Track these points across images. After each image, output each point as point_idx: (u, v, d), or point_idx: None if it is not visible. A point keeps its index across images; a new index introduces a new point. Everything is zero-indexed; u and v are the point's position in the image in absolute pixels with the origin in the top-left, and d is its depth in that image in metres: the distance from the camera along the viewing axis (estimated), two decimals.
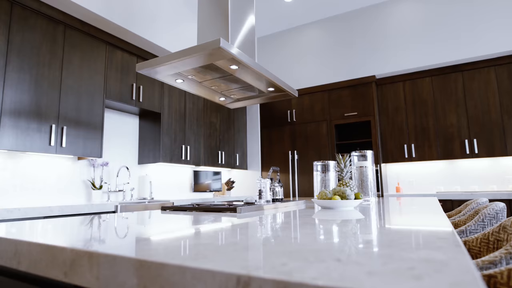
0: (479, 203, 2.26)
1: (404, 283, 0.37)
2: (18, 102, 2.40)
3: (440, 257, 0.50)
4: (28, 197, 2.68)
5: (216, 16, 2.01)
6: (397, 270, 0.43)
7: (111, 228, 0.99)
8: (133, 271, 0.54)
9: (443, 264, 0.46)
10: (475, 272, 0.42)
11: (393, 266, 0.45)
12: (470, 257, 0.85)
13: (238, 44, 2.05)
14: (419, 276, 0.40)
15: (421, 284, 0.37)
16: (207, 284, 0.46)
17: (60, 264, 0.66)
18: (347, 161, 2.01)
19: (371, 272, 0.42)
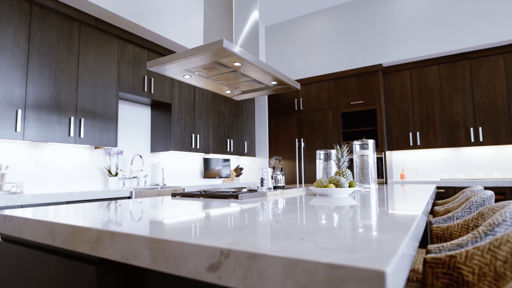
0: (472, 191, 2.36)
1: (338, 256, 0.51)
2: (40, 97, 2.59)
3: (382, 238, 0.64)
4: (51, 184, 2.91)
5: (221, 14, 2.12)
6: (341, 247, 0.57)
7: (127, 212, 1.16)
8: (145, 246, 0.70)
9: (379, 243, 0.60)
10: (398, 250, 0.56)
11: (340, 244, 0.60)
12: (436, 239, 0.93)
13: (242, 41, 2.16)
14: (353, 251, 0.54)
15: (349, 256, 0.51)
16: (199, 255, 0.61)
17: (88, 241, 0.83)
18: (344, 151, 2.13)
19: (320, 247, 0.57)
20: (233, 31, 2.04)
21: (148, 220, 0.96)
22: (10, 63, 2.42)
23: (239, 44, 2.12)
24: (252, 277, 0.54)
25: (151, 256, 0.69)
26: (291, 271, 0.50)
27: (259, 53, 2.30)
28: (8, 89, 2.40)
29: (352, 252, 0.53)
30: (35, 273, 1.03)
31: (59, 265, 0.94)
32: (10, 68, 2.42)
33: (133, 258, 0.73)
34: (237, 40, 2.11)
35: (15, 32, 2.47)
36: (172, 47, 3.81)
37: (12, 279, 1.12)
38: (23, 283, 1.07)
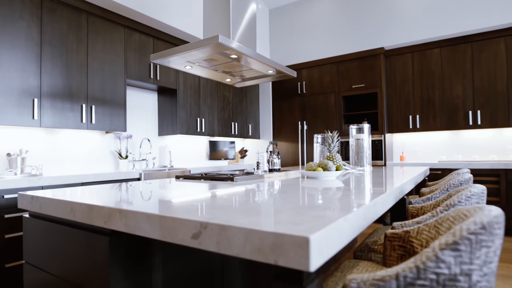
0: (458, 173, 2.50)
1: (285, 227, 0.69)
2: (53, 86, 2.78)
3: (327, 215, 0.81)
4: (66, 167, 3.15)
5: (218, 8, 2.24)
6: (291, 221, 0.75)
7: (132, 192, 1.36)
8: (146, 220, 0.89)
9: (320, 219, 0.77)
10: (330, 224, 0.73)
11: (292, 219, 0.77)
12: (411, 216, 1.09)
13: (239, 33, 2.29)
14: (299, 224, 0.72)
15: (293, 228, 0.68)
16: (186, 227, 0.80)
17: (101, 216, 1.03)
18: (334, 137, 2.28)
19: (276, 222, 0.74)
20: (230, 25, 2.16)
21: (149, 199, 1.15)
22: (25, 55, 2.61)
23: (237, 37, 2.25)
24: (223, 242, 0.73)
25: (150, 228, 0.88)
26: (248, 238, 0.68)
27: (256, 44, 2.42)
28: (24, 79, 2.59)
29: (297, 224, 0.71)
30: (59, 243, 1.24)
31: (78, 236, 1.15)
32: (25, 60, 2.61)
33: (137, 230, 0.92)
34: (234, 33, 2.23)
35: (28, 26, 2.63)
36: (176, 34, 3.93)
37: (40, 249, 1.34)
38: (49, 251, 1.29)
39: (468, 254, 0.72)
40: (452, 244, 0.71)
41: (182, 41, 4.10)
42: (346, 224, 0.79)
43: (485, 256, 0.74)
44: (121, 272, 1.08)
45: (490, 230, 0.74)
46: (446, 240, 0.72)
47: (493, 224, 0.75)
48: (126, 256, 1.09)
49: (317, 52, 5.09)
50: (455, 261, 0.71)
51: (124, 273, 1.09)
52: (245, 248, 0.69)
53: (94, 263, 1.09)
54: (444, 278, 0.71)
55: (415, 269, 0.71)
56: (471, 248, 0.72)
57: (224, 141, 5.11)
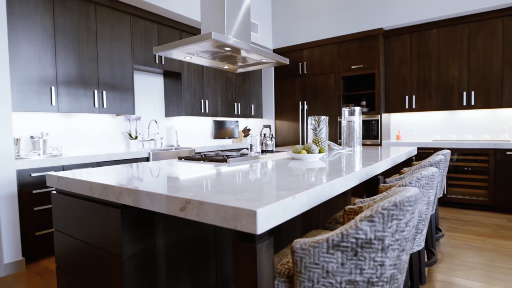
0: (437, 154, 2.71)
1: (244, 203, 0.95)
2: (68, 74, 3.04)
3: (281, 194, 1.07)
4: (82, 147, 3.48)
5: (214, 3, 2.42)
6: (252, 199, 1.01)
7: (138, 173, 1.64)
8: (147, 196, 1.17)
9: (274, 197, 1.03)
10: (279, 201, 0.98)
11: (254, 197, 1.03)
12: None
13: (235, 27, 2.47)
14: (255, 200, 0.98)
15: (249, 203, 0.94)
16: (175, 202, 1.07)
17: (114, 193, 1.31)
18: (321, 121, 2.50)
19: (239, 199, 1.01)
20: (225, 20, 2.35)
21: (151, 179, 1.43)
22: (41, 46, 2.86)
23: (232, 31, 2.44)
24: (201, 214, 1.00)
25: (150, 203, 1.16)
26: (217, 211, 0.95)
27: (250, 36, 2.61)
28: (42, 69, 2.86)
29: (252, 201, 0.97)
30: (81, 214, 1.55)
31: (96, 209, 1.45)
32: (42, 51, 2.86)
33: (141, 204, 1.20)
34: (229, 27, 2.42)
35: (42, 19, 2.86)
36: (179, 19, 4.09)
37: (66, 219, 1.65)
38: (74, 221, 1.60)
39: (381, 225, 0.97)
40: (369, 217, 0.97)
41: (185, 25, 4.26)
42: (295, 201, 1.05)
43: (396, 226, 0.99)
44: (131, 237, 1.38)
45: (400, 207, 0.99)
46: (365, 214, 0.98)
47: (404, 202, 1.00)
48: (134, 225, 1.38)
49: (318, 33, 5.18)
50: (370, 229, 0.97)
51: (133, 238, 1.39)
52: (215, 218, 0.96)
53: (110, 230, 1.39)
54: (362, 242, 0.97)
55: (340, 234, 0.98)
56: (384, 220, 0.97)
57: (228, 121, 5.36)
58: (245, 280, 0.96)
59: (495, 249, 2.83)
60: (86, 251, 1.54)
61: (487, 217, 3.79)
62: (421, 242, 1.61)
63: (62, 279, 1.74)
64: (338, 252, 0.98)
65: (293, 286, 1.06)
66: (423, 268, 2.25)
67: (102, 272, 1.45)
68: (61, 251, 1.72)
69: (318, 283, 1.00)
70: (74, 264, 1.64)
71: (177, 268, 1.56)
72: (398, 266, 1.03)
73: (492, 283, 2.22)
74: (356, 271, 0.98)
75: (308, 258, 1.00)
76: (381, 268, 0.99)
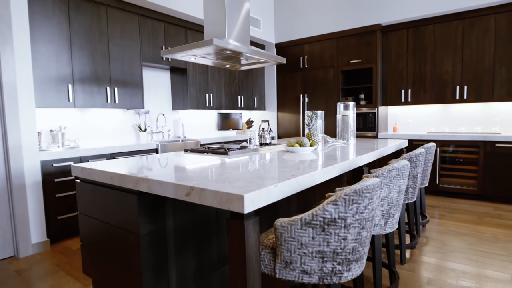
0: (423, 147, 2.93)
1: (235, 189, 1.21)
2: (83, 72, 3.31)
3: (268, 183, 1.33)
4: (97, 140, 3.77)
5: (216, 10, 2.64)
6: (242, 186, 1.27)
7: (151, 164, 1.91)
8: (158, 185, 1.44)
9: (258, 185, 1.29)
10: (262, 188, 1.24)
11: (243, 185, 1.29)
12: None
13: (236, 31, 2.70)
14: (244, 187, 1.24)
15: (239, 190, 1.20)
16: (182, 189, 1.33)
17: (131, 182, 1.58)
18: (313, 117, 2.74)
19: (232, 186, 1.27)
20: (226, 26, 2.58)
21: (161, 170, 1.70)
22: (58, 48, 3.12)
23: (233, 35, 2.66)
24: (202, 198, 1.26)
25: (162, 189, 1.43)
26: (215, 196, 1.22)
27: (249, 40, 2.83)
28: (59, 68, 3.13)
29: (242, 188, 1.23)
30: (103, 199, 1.83)
31: (116, 195, 1.73)
32: (59, 51, 3.13)
33: (154, 190, 1.47)
34: (230, 32, 2.65)
35: (58, 21, 3.12)
36: (185, 17, 4.31)
37: (89, 203, 1.94)
38: (96, 205, 1.88)
39: (344, 207, 1.23)
40: (333, 201, 1.22)
41: (190, 23, 4.48)
42: (276, 189, 1.31)
43: (356, 209, 1.24)
44: (146, 219, 1.66)
45: (360, 193, 1.24)
46: (331, 199, 1.23)
47: (363, 190, 1.25)
48: (148, 208, 1.66)
49: (318, 28, 5.35)
50: (334, 210, 1.22)
51: (147, 219, 1.67)
52: (213, 201, 1.23)
53: (128, 212, 1.67)
54: (327, 220, 1.23)
55: (311, 214, 1.23)
56: (346, 204, 1.23)
57: (232, 113, 5.61)
58: (236, 250, 1.23)
59: (476, 234, 3.07)
60: (107, 230, 1.83)
61: (475, 206, 4.01)
62: (394, 225, 1.86)
63: (86, 254, 2.04)
64: (309, 228, 1.24)
65: (276, 256, 1.33)
66: (403, 249, 2.51)
67: (122, 247, 1.74)
68: (85, 230, 2.02)
69: (294, 253, 1.27)
70: (97, 241, 1.93)
71: (184, 245, 1.85)
72: (359, 240, 1.29)
73: (466, 263, 2.47)
74: (324, 243, 1.24)
75: (287, 233, 1.27)
76: (344, 241, 1.25)
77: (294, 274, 1.29)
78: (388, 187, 1.77)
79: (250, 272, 1.23)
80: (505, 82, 4.12)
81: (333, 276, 1.28)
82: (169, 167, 1.83)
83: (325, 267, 1.27)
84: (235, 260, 1.23)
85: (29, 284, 2.29)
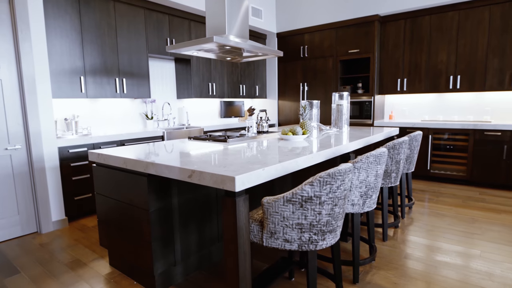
0: (409, 135, 3.14)
1: (228, 172, 1.46)
2: (94, 65, 3.55)
3: (256, 167, 1.58)
4: (107, 127, 4.04)
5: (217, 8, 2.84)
6: (234, 170, 1.52)
7: (158, 151, 2.17)
8: (165, 168, 1.70)
9: (250, 169, 1.54)
10: (251, 172, 1.50)
11: (235, 169, 1.55)
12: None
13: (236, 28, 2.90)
14: (236, 171, 1.49)
15: (232, 173, 1.46)
16: (184, 171, 1.59)
17: (142, 166, 1.85)
18: (306, 108, 2.96)
19: (226, 170, 1.52)
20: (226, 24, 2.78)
21: (167, 155, 1.96)
22: (71, 43, 3.35)
23: (233, 31, 2.87)
24: (201, 179, 1.52)
25: (168, 172, 1.69)
26: (212, 177, 1.48)
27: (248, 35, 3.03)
28: (72, 62, 3.37)
29: (234, 171, 1.48)
30: (116, 181, 2.10)
31: (129, 177, 2.00)
32: (72, 46, 3.36)
33: (161, 173, 1.73)
34: (230, 28, 2.85)
35: (71, 18, 3.34)
36: (188, 9, 4.49)
37: (105, 185, 2.21)
38: (111, 186, 2.16)
39: (319, 187, 1.48)
40: (310, 182, 1.47)
41: (193, 15, 4.66)
42: (264, 172, 1.56)
43: (329, 188, 1.50)
44: (154, 197, 1.93)
45: (332, 176, 1.49)
46: (308, 180, 1.48)
47: (335, 173, 1.49)
48: (157, 188, 1.93)
49: (318, 18, 5.49)
50: (310, 190, 1.47)
51: (156, 197, 1.94)
52: (210, 181, 1.49)
53: (139, 192, 1.94)
54: (305, 198, 1.48)
55: (291, 193, 1.49)
56: (320, 184, 1.48)
57: (234, 101, 5.84)
58: (230, 221, 1.50)
59: (456, 216, 3.32)
60: (121, 208, 2.12)
61: (462, 190, 4.25)
62: (372, 205, 2.11)
63: (103, 229, 2.34)
64: (290, 204, 1.50)
65: (263, 227, 1.59)
66: (385, 228, 2.77)
67: (134, 222, 2.03)
68: (102, 208, 2.31)
69: (278, 225, 1.53)
70: (112, 217, 2.22)
71: (188, 220, 2.13)
72: (332, 215, 1.54)
73: (439, 240, 2.73)
74: (302, 217, 1.50)
75: (272, 209, 1.53)
76: (319, 215, 1.51)
77: (278, 242, 1.56)
78: (366, 172, 2.02)
79: (241, 239, 1.50)
80: (496, 72, 4.28)
81: (310, 244, 1.55)
82: (174, 153, 2.09)
83: (303, 237, 1.53)
84: (229, 229, 1.50)
85: (53, 254, 2.61)
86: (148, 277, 2.06)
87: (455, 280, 2.14)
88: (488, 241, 2.71)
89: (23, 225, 2.99)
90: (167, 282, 2.09)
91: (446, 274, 2.21)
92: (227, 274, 1.55)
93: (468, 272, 2.23)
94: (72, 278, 2.25)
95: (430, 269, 2.28)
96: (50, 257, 2.56)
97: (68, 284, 2.16)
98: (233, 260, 1.51)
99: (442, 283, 2.10)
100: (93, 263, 2.45)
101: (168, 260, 2.06)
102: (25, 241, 2.89)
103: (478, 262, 2.36)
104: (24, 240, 2.92)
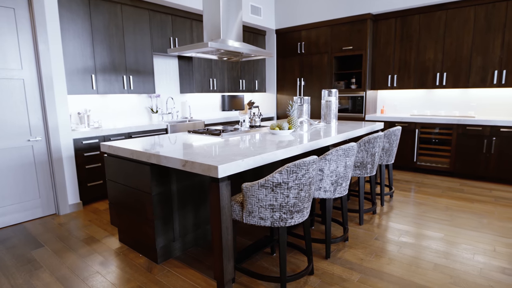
0: (389, 130, 3.44)
1: (214, 162, 1.81)
2: (103, 63, 3.91)
3: (237, 158, 1.93)
4: (116, 121, 4.42)
5: (214, 15, 3.16)
6: (218, 160, 1.87)
7: (160, 143, 2.53)
8: (164, 158, 2.06)
9: (232, 159, 1.89)
10: (232, 162, 1.85)
11: (220, 159, 1.90)
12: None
13: (231, 32, 3.22)
14: (221, 161, 1.84)
15: (216, 163, 1.81)
16: (179, 161, 1.95)
17: (146, 157, 2.21)
18: (294, 104, 3.28)
19: (214, 160, 1.87)
20: (221, 30, 3.10)
21: (167, 147, 2.32)
22: (82, 43, 3.70)
23: (229, 35, 3.18)
24: (192, 168, 1.88)
25: (166, 162, 2.05)
26: (201, 166, 1.83)
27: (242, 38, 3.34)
28: (84, 61, 3.73)
29: (219, 162, 1.83)
30: (125, 169, 2.47)
31: (135, 166, 2.37)
32: (84, 46, 3.71)
33: (161, 162, 2.09)
34: (225, 33, 3.16)
35: (82, 21, 3.68)
36: (190, 10, 4.79)
37: (115, 172, 2.59)
38: (120, 173, 2.53)
39: (286, 175, 1.82)
40: (279, 171, 1.82)
41: (195, 14, 4.96)
42: (243, 162, 1.91)
43: (295, 176, 1.84)
44: (156, 183, 2.30)
45: (298, 166, 1.83)
46: (278, 170, 1.83)
47: (300, 164, 1.83)
48: (158, 175, 2.30)
49: (314, 15, 5.74)
50: (280, 177, 1.82)
51: (157, 183, 2.31)
52: (199, 169, 1.84)
53: (143, 178, 2.31)
54: (275, 183, 1.83)
55: (265, 179, 1.84)
56: (287, 173, 1.82)
57: (234, 95, 6.17)
58: (214, 202, 1.86)
59: (433, 204, 3.65)
60: (128, 192, 2.50)
61: (444, 181, 4.56)
62: (342, 192, 2.45)
63: (113, 210, 2.73)
64: (263, 189, 1.85)
65: (243, 208, 1.95)
66: (361, 213, 3.11)
67: (139, 204, 2.40)
68: (112, 192, 2.70)
69: (254, 205, 1.89)
70: (121, 200, 2.61)
71: (185, 203, 2.51)
72: (298, 198, 1.89)
73: (412, 225, 3.07)
74: (273, 199, 1.85)
75: (249, 192, 1.88)
76: (287, 198, 1.86)
77: (255, 220, 1.92)
78: (336, 163, 2.35)
79: (223, 216, 1.86)
80: (480, 70, 4.52)
81: (280, 221, 1.90)
82: (173, 145, 2.45)
83: (275, 215, 1.89)
84: (214, 209, 1.86)
85: (70, 232, 3.02)
86: (151, 250, 2.44)
87: (413, 257, 2.48)
88: (454, 226, 3.04)
89: (44, 207, 3.41)
90: (168, 255, 2.48)
91: (407, 252, 2.56)
92: (213, 245, 1.92)
93: (427, 251, 2.58)
94: (88, 251, 2.65)
95: (394, 248, 2.62)
96: (69, 234, 2.97)
97: (85, 256, 2.57)
98: (217, 233, 1.87)
99: (401, 259, 2.45)
100: (105, 239, 2.85)
101: (168, 236, 2.44)
102: (46, 221, 3.31)
103: (439, 244, 2.70)
104: (45, 220, 3.34)
